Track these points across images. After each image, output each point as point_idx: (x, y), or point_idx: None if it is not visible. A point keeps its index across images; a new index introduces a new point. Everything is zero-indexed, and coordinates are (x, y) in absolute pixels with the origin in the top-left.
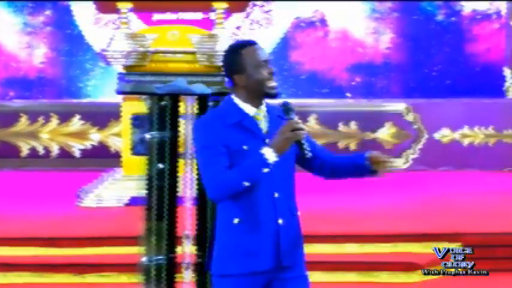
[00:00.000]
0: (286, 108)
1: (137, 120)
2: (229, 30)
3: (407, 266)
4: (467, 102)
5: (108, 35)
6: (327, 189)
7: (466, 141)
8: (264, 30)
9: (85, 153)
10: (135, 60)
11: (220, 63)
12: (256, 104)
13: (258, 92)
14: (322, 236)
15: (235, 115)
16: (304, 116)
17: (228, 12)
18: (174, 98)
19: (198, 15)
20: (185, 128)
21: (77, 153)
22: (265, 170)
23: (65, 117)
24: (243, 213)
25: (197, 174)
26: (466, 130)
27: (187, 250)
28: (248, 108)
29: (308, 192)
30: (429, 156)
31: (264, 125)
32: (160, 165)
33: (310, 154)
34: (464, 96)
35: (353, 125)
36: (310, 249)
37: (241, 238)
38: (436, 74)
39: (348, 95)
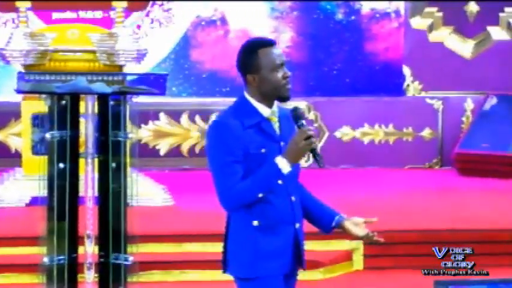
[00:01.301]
0: (296, 115)
1: (37, 120)
2: (130, 29)
3: (310, 264)
4: (368, 101)
5: (7, 33)
6: None
7: (366, 139)
8: (165, 29)
9: None
10: (35, 59)
11: (121, 63)
12: (270, 105)
13: (271, 95)
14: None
15: (253, 117)
16: (205, 115)
17: (128, 11)
18: (74, 97)
19: (98, 14)
20: (86, 127)
21: None
22: (280, 182)
23: None
24: (262, 216)
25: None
26: (366, 128)
27: (89, 250)
28: (263, 109)
29: (207, 192)
30: (330, 154)
31: (277, 127)
32: (61, 165)
33: (323, 163)
34: (364, 94)
35: None
36: (212, 248)
37: (262, 240)
38: (336, 72)
39: None
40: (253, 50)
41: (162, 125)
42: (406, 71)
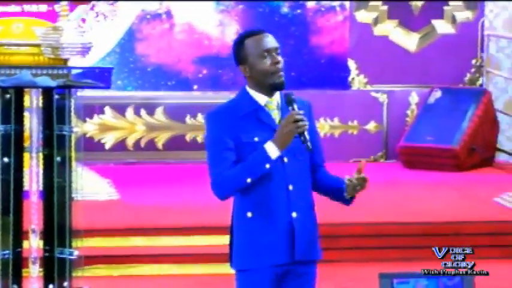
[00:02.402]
0: (289, 100)
1: None
2: (74, 22)
3: None
4: (313, 94)
5: None
6: (171, 182)
7: None
8: (110, 23)
9: None
10: None
11: (66, 57)
12: (268, 94)
13: (263, 83)
14: (168, 229)
15: (248, 106)
16: (151, 108)
17: (73, 5)
18: (19, 91)
19: (43, 8)
20: (30, 122)
21: None
22: (267, 165)
23: None
24: (255, 207)
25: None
26: None
27: (34, 244)
28: (260, 98)
29: (153, 186)
30: None
31: (276, 115)
32: (6, 159)
33: (310, 147)
34: (309, 88)
35: (200, 118)
36: (158, 242)
37: (255, 232)
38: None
39: (195, 87)
40: (241, 41)
41: (108, 119)
42: (351, 64)
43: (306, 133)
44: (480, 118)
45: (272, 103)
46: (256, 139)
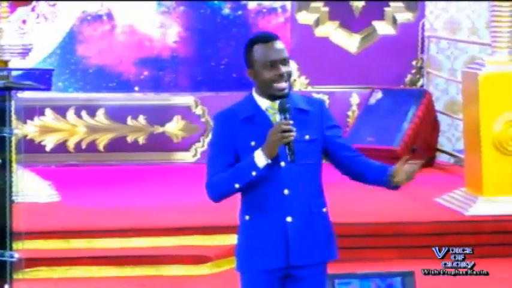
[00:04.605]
0: (282, 107)
1: None
2: (15, 24)
3: (196, 259)
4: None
5: None
6: (112, 184)
7: None
8: (50, 24)
9: None
10: None
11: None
12: (272, 99)
13: (265, 91)
14: (109, 231)
15: (248, 109)
16: (92, 110)
17: (14, 6)
18: None
19: None
20: None
21: None
22: (254, 173)
23: None
24: (252, 210)
25: None
26: None
27: None
28: (263, 103)
29: (94, 188)
30: None
31: (276, 119)
32: None
33: (292, 159)
34: (251, 89)
35: (141, 119)
36: (99, 244)
37: (251, 235)
38: (223, 67)
39: (136, 88)
40: (250, 45)
41: (48, 121)
42: (293, 65)
43: (291, 144)
44: (421, 119)
45: (274, 108)
46: (252, 143)
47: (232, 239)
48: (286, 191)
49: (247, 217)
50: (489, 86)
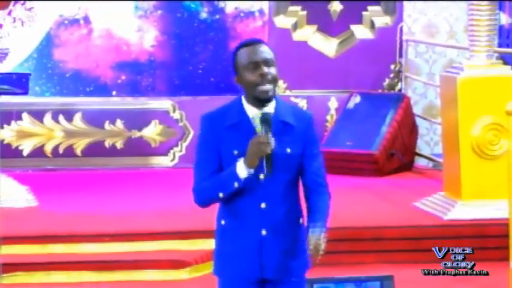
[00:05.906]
0: (263, 120)
1: None
2: None
3: (175, 264)
4: (232, 99)
5: None
6: (89, 188)
7: None
8: (27, 28)
9: None
10: None
11: None
12: (259, 106)
13: (250, 94)
14: (87, 236)
15: (235, 116)
16: (69, 114)
17: None
18: None
19: None
20: None
21: None
22: (236, 184)
23: None
24: (228, 217)
25: None
26: None
27: None
28: (250, 110)
29: (71, 192)
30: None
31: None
32: None
33: (267, 173)
34: (229, 93)
35: (119, 124)
36: (76, 249)
37: (226, 242)
38: (201, 71)
39: (114, 93)
40: (235, 52)
41: (25, 125)
42: None
43: (269, 157)
44: (399, 123)
45: (260, 117)
46: (235, 152)
47: (211, 244)
48: (263, 205)
49: (223, 222)
50: (467, 89)
